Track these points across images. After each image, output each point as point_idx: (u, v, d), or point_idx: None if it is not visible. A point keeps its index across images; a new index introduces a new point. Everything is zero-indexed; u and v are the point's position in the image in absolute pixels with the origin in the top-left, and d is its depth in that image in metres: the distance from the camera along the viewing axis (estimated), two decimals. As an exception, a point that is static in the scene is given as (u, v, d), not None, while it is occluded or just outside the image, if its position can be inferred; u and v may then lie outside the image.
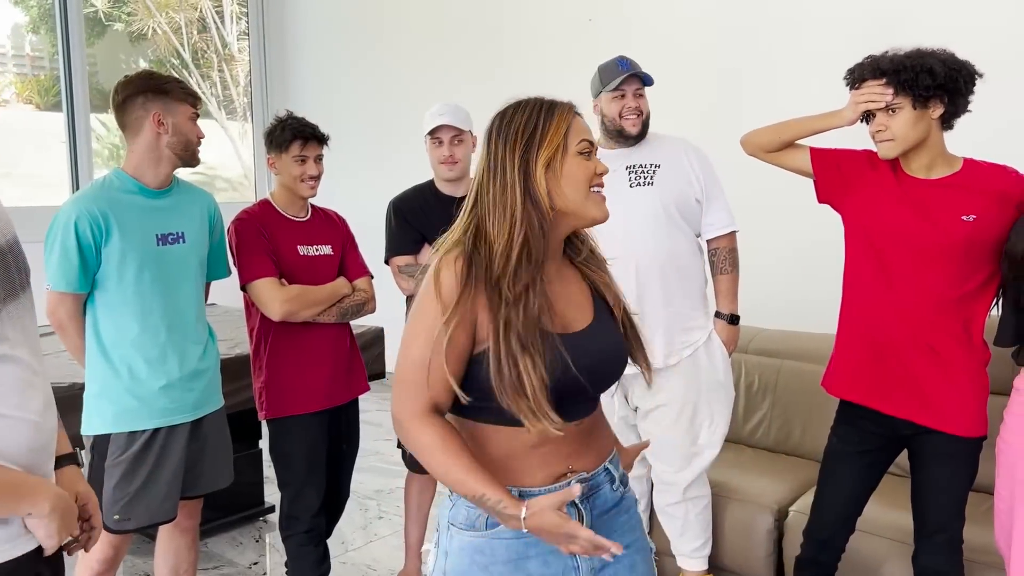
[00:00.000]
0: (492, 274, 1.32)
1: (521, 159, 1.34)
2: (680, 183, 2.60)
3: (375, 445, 4.40)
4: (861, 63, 2.09)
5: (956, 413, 2.03)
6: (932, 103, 2.00)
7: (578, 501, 1.36)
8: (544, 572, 1.37)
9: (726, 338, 2.69)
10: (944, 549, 2.11)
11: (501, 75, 4.98)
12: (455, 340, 1.30)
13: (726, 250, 2.68)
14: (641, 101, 2.59)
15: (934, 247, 2.01)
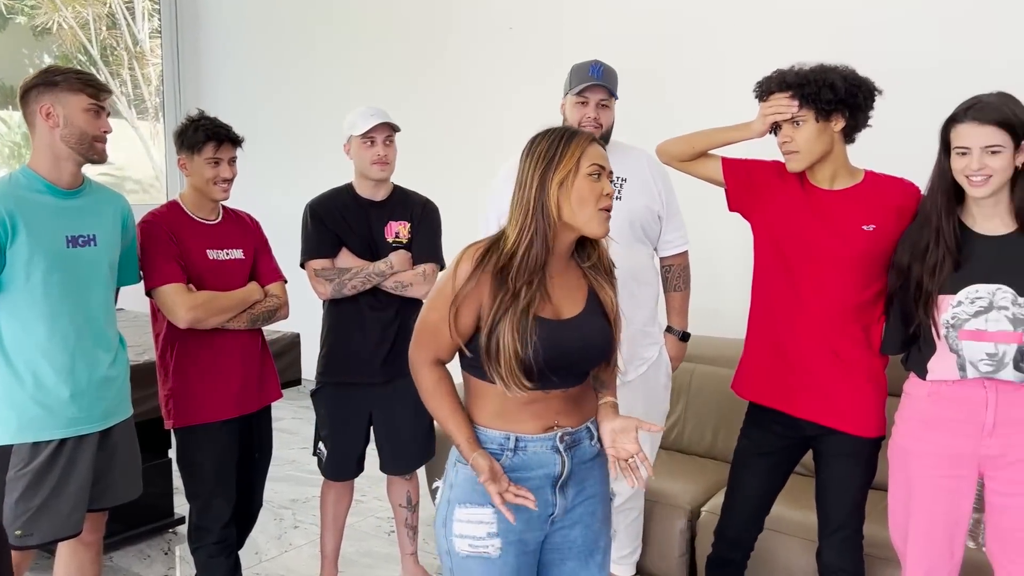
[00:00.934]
0: (500, 265, 1.64)
1: (540, 177, 1.64)
2: (645, 198, 2.59)
3: (291, 454, 4.32)
4: (769, 77, 2.16)
5: (857, 414, 2.12)
6: (834, 117, 2.08)
7: (562, 449, 1.70)
8: (529, 508, 1.65)
9: (675, 354, 2.73)
10: (846, 546, 2.19)
11: (421, 81, 4.97)
12: (461, 314, 1.65)
13: (680, 267, 2.71)
14: (603, 112, 2.55)
15: (836, 255, 2.09)
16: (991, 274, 1.90)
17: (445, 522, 1.71)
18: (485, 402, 1.71)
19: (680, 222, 2.68)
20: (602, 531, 1.79)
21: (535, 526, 1.71)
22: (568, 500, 1.73)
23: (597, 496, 1.78)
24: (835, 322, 2.11)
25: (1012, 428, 1.91)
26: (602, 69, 2.54)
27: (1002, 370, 1.89)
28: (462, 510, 1.69)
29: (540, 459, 1.70)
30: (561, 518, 1.74)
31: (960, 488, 1.97)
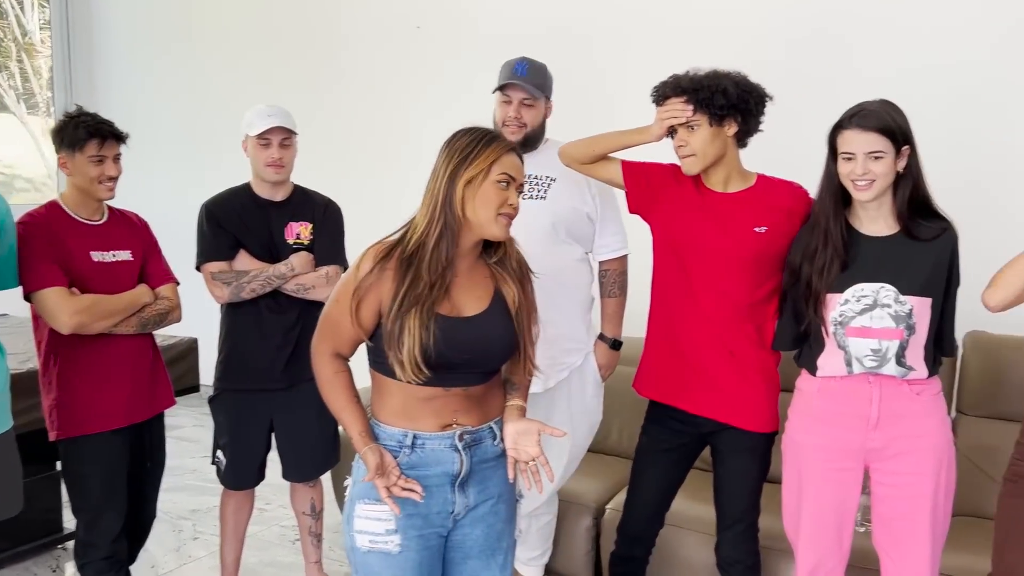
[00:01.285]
0: (407, 253, 1.67)
1: (451, 173, 1.68)
2: (574, 200, 2.53)
3: (192, 462, 4.17)
4: (665, 82, 2.19)
5: (751, 410, 2.18)
6: (727, 121, 2.13)
7: (461, 448, 1.72)
8: (430, 500, 1.71)
9: (604, 362, 2.65)
10: (742, 538, 2.25)
11: (327, 79, 4.88)
12: (362, 306, 1.69)
13: (616, 273, 2.63)
14: (526, 111, 2.50)
15: (729, 256, 2.14)
16: (875, 273, 1.98)
17: (348, 518, 1.74)
18: (388, 399, 1.74)
19: (617, 227, 2.60)
20: (505, 531, 1.82)
21: (436, 523, 1.73)
22: (469, 499, 1.75)
23: (500, 496, 1.80)
24: (729, 321, 2.16)
25: (894, 422, 1.99)
26: (527, 67, 2.50)
27: (885, 365, 1.97)
28: (362, 506, 1.72)
29: (438, 457, 1.72)
30: (463, 517, 1.76)
31: (847, 480, 2.04)
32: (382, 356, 1.69)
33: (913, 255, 1.98)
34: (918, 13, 3.29)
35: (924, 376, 1.98)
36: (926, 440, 1.99)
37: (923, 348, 1.98)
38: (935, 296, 1.98)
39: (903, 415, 1.99)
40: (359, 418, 1.73)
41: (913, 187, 1.98)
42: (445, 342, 1.65)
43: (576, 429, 2.60)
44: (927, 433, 1.99)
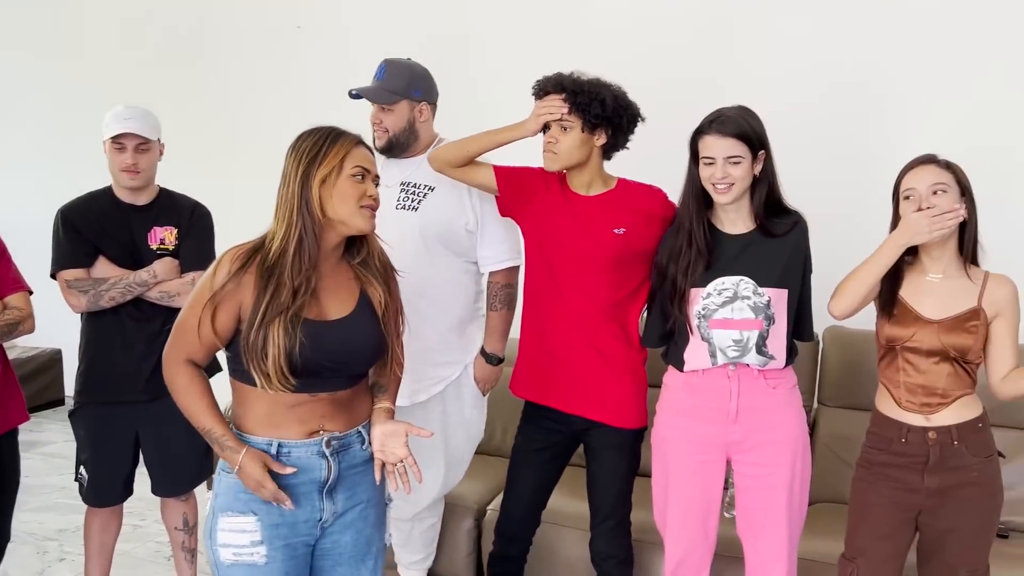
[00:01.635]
0: (267, 263, 1.64)
1: (303, 174, 1.66)
2: (450, 211, 2.45)
3: (60, 480, 3.95)
4: (548, 77, 2.21)
5: (620, 408, 2.23)
6: (598, 131, 2.17)
7: (328, 454, 1.70)
8: (296, 511, 1.69)
9: (480, 376, 2.59)
10: (615, 533, 2.30)
11: (204, 79, 4.73)
12: (219, 314, 1.65)
13: (499, 286, 2.52)
14: (386, 116, 2.45)
15: (591, 256, 2.18)
16: (735, 268, 2.06)
17: (211, 532, 1.71)
18: (250, 408, 1.71)
19: (501, 237, 2.49)
20: (375, 536, 1.82)
21: (303, 531, 1.72)
22: (338, 505, 1.74)
23: (369, 501, 1.79)
24: (595, 320, 2.20)
25: (753, 415, 2.07)
26: (385, 69, 2.45)
27: (747, 354, 2.05)
28: (225, 519, 1.69)
29: (304, 464, 1.69)
30: (331, 523, 1.74)
31: (711, 472, 2.12)
32: (243, 364, 1.65)
33: (769, 250, 2.07)
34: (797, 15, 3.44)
35: (782, 365, 2.08)
36: (782, 432, 2.08)
37: (783, 337, 2.07)
38: (791, 287, 2.08)
39: (761, 409, 2.07)
40: (221, 423, 1.69)
41: (768, 189, 2.06)
42: (312, 348, 1.62)
43: (451, 439, 2.58)
44: (783, 425, 2.09)
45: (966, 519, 1.94)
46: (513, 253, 2.51)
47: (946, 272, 1.98)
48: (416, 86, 2.48)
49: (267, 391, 1.63)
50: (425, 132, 2.53)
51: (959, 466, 1.94)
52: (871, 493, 2.01)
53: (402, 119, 2.46)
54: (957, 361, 1.94)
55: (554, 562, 2.62)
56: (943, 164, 1.97)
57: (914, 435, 1.96)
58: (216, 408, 1.71)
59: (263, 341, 1.60)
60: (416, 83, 2.48)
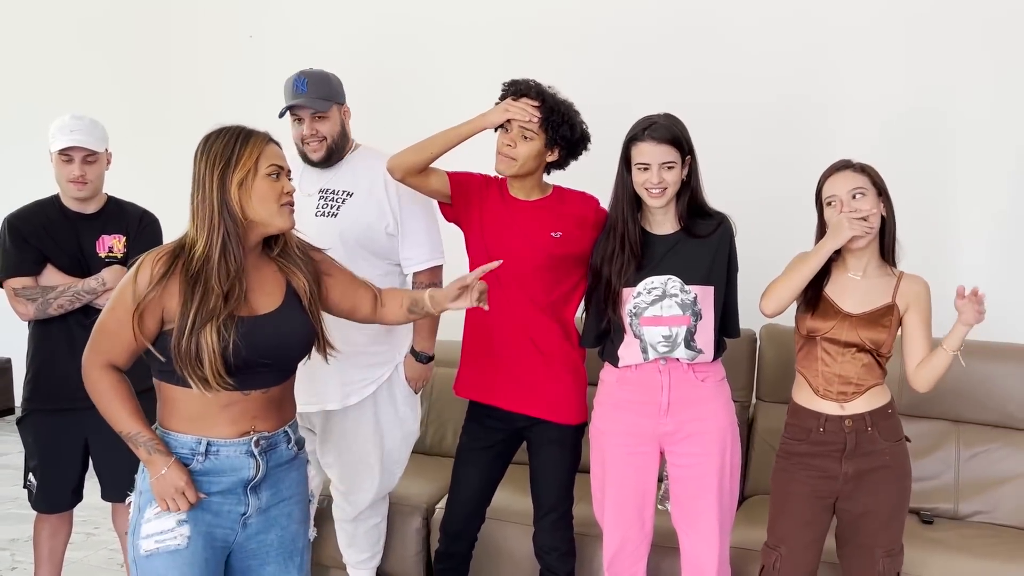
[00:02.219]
0: (192, 270, 1.65)
1: (219, 178, 1.67)
2: (369, 216, 2.50)
3: (13, 490, 3.93)
4: (527, 81, 2.27)
5: (559, 404, 2.31)
6: (554, 149, 2.26)
7: (257, 453, 1.74)
8: (222, 500, 1.73)
9: (412, 375, 2.64)
10: (557, 526, 2.38)
11: (159, 88, 4.74)
12: (144, 320, 1.66)
13: (423, 286, 2.54)
14: (321, 124, 2.48)
15: (531, 258, 2.26)
16: (663, 267, 2.16)
17: (134, 529, 1.72)
18: (178, 406, 1.72)
19: (422, 239, 2.55)
20: (300, 532, 1.86)
21: (226, 523, 1.75)
22: (262, 501, 1.78)
23: (293, 498, 1.84)
24: (534, 318, 2.29)
25: (683, 407, 2.17)
26: (307, 81, 2.47)
27: (676, 349, 2.15)
28: (152, 509, 1.70)
29: (233, 463, 1.73)
30: (255, 520, 1.78)
31: (645, 463, 2.21)
32: (170, 366, 1.67)
33: (694, 250, 2.17)
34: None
35: (710, 359, 2.17)
36: (711, 423, 2.17)
37: (710, 332, 2.17)
38: (717, 284, 2.18)
39: (691, 401, 2.17)
40: (147, 427, 1.71)
41: (692, 192, 2.16)
42: (246, 344, 1.66)
43: (386, 439, 2.64)
44: (712, 416, 2.18)
45: (879, 501, 2.04)
46: (435, 253, 2.57)
47: (866, 271, 2.09)
48: (338, 90, 2.55)
49: (205, 393, 1.66)
50: (350, 134, 2.59)
51: (872, 451, 2.05)
52: (791, 483, 2.11)
53: (336, 124, 2.51)
54: (871, 353, 2.05)
55: (499, 557, 2.69)
56: (858, 168, 2.08)
57: (831, 424, 2.06)
58: (140, 412, 1.72)
59: (196, 347, 1.62)
60: (337, 88, 2.55)
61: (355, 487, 2.66)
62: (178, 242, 1.72)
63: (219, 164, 1.68)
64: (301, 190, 2.48)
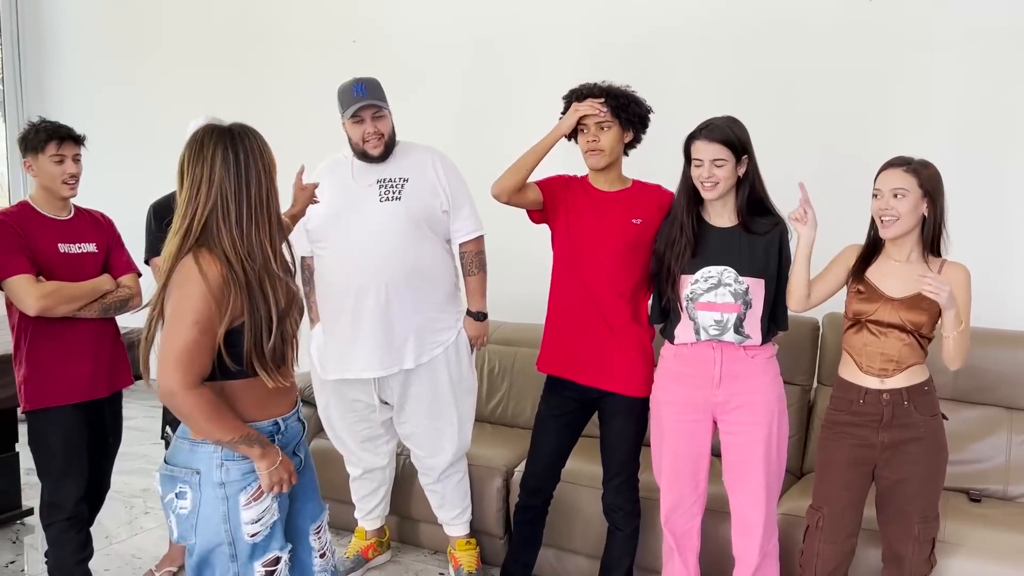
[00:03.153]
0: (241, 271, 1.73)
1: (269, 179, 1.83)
2: (426, 196, 2.82)
3: (143, 449, 4.45)
4: (585, 84, 2.55)
5: (628, 378, 2.56)
6: (630, 130, 2.52)
7: (301, 417, 2.00)
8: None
9: (472, 333, 2.99)
10: (622, 488, 2.64)
11: (267, 89, 5.15)
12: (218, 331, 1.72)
13: (473, 253, 2.95)
14: (380, 123, 2.77)
15: (611, 243, 2.51)
16: (720, 258, 2.38)
17: (227, 517, 1.80)
18: (243, 398, 1.81)
19: (470, 212, 2.90)
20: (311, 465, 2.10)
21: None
22: (301, 455, 2.03)
23: (303, 441, 2.05)
24: (610, 302, 2.54)
25: (733, 381, 2.39)
26: (365, 86, 2.77)
27: (726, 333, 2.37)
28: (247, 495, 1.80)
29: (295, 432, 1.97)
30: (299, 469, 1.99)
31: (698, 430, 2.44)
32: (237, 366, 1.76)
33: (749, 244, 2.38)
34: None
35: (758, 343, 2.38)
36: (759, 395, 2.39)
37: (758, 320, 2.38)
38: (768, 278, 2.38)
39: (741, 375, 2.39)
40: (249, 428, 1.80)
41: (751, 189, 2.37)
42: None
43: (458, 396, 2.98)
44: (760, 389, 2.39)
45: (914, 470, 2.23)
46: (479, 225, 2.94)
47: (909, 258, 2.27)
48: (384, 93, 2.84)
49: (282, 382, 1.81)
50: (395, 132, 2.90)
51: (908, 423, 2.23)
52: (833, 450, 2.31)
53: (390, 122, 2.83)
54: (912, 334, 2.23)
55: (573, 516, 2.97)
56: (911, 168, 2.21)
57: (871, 396, 2.26)
58: (236, 415, 1.79)
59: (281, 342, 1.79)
60: (383, 91, 2.83)
61: (437, 448, 2.99)
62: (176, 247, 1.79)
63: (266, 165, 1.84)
64: (357, 184, 2.85)
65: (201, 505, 1.81)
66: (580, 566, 3.03)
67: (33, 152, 2.65)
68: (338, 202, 2.83)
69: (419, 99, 4.38)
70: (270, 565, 1.85)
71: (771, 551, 2.46)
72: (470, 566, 3.10)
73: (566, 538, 3.02)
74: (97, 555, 3.17)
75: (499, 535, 3.18)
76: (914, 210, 2.20)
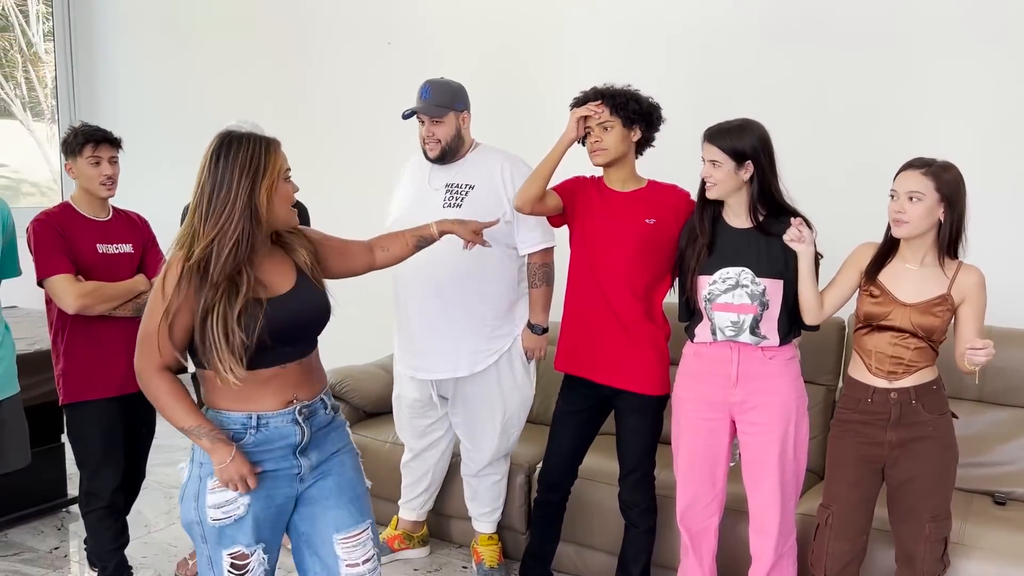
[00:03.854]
0: (199, 265, 1.76)
1: (250, 183, 1.78)
2: (490, 204, 2.80)
3: (180, 441, 4.55)
4: (584, 90, 2.59)
5: (642, 377, 2.59)
6: (634, 128, 2.54)
7: (301, 420, 1.90)
8: (275, 466, 1.89)
9: (528, 345, 2.97)
10: (639, 485, 2.67)
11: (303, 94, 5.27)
12: (177, 321, 1.78)
13: (537, 265, 2.90)
14: (437, 128, 2.83)
15: (625, 243, 2.54)
16: (737, 259, 2.38)
17: (196, 495, 1.86)
18: (224, 388, 1.82)
19: (536, 223, 2.83)
20: (357, 480, 2.02)
21: (283, 485, 1.90)
22: (312, 460, 1.94)
23: (341, 451, 2.01)
24: (623, 301, 2.56)
25: (751, 381, 2.40)
26: (430, 89, 2.84)
27: (742, 334, 2.38)
28: (213, 482, 1.83)
29: (281, 432, 1.88)
30: (309, 475, 1.93)
31: (716, 428, 2.46)
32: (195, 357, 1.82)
33: (767, 245, 2.38)
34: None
35: (776, 344, 2.38)
36: (776, 396, 2.39)
37: (776, 321, 2.38)
38: (787, 279, 2.37)
39: (758, 375, 2.39)
40: (205, 421, 1.81)
41: (758, 191, 2.36)
42: (276, 323, 1.80)
43: (507, 402, 3.01)
44: (777, 390, 2.40)
45: (923, 469, 2.22)
46: (547, 236, 2.88)
47: (923, 262, 2.24)
48: (458, 99, 2.88)
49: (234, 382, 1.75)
50: (467, 137, 2.94)
51: (915, 422, 2.22)
52: (842, 448, 2.31)
53: (451, 128, 2.86)
54: (924, 339, 2.21)
55: (590, 512, 3.00)
56: (930, 171, 2.17)
57: (879, 395, 2.25)
58: (196, 407, 1.82)
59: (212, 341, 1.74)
60: (457, 96, 2.88)
61: (477, 445, 3.06)
62: (180, 241, 1.82)
63: (249, 170, 1.78)
64: (429, 185, 2.92)
65: (188, 479, 1.90)
66: (599, 562, 3.06)
67: (72, 155, 2.76)
68: (410, 202, 2.92)
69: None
70: (239, 559, 1.86)
71: (787, 551, 2.47)
72: (491, 561, 3.16)
73: (585, 534, 3.05)
74: (135, 543, 3.32)
75: (521, 530, 3.22)
76: (928, 214, 2.17)
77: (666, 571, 2.86)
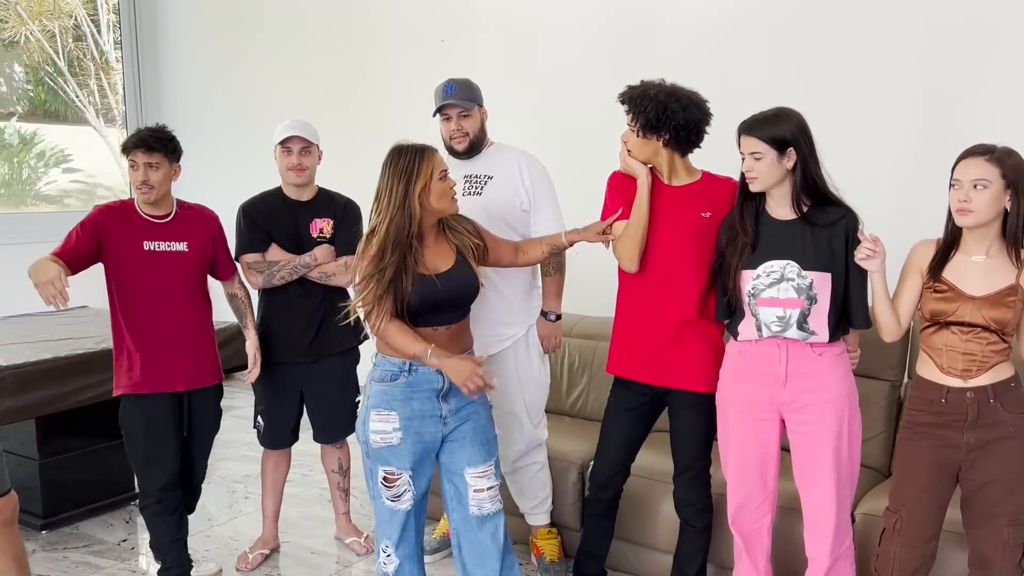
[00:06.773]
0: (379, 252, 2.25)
1: (403, 187, 2.26)
2: (507, 194, 2.92)
3: (246, 436, 4.67)
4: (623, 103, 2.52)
5: (695, 374, 2.52)
6: (654, 135, 2.45)
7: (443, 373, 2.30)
8: (423, 407, 2.33)
9: (542, 332, 3.02)
10: (693, 483, 2.61)
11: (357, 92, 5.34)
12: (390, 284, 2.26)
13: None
14: (465, 122, 2.91)
15: (679, 238, 2.47)
16: (782, 252, 2.30)
17: (364, 421, 2.36)
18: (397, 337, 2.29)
19: (551, 213, 2.93)
20: (488, 427, 2.46)
21: (429, 425, 2.34)
22: (451, 404, 2.36)
23: (476, 402, 2.41)
24: (677, 297, 2.50)
25: (800, 379, 2.32)
26: (455, 86, 2.91)
27: (788, 330, 2.30)
28: (375, 413, 2.33)
29: (428, 378, 2.32)
30: (451, 418, 2.36)
31: (765, 429, 2.38)
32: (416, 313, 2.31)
33: (813, 237, 2.29)
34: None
35: (825, 340, 2.30)
36: (828, 394, 2.31)
37: (825, 316, 2.29)
38: (835, 272, 2.28)
39: (807, 373, 2.31)
40: (432, 346, 2.27)
41: (802, 181, 2.28)
42: (437, 292, 2.28)
43: (525, 390, 3.02)
44: (828, 388, 2.31)
45: (1003, 471, 2.10)
46: (560, 225, 2.89)
47: (988, 253, 2.14)
48: (479, 95, 2.96)
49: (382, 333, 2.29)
50: (487, 132, 3.00)
51: (995, 422, 2.11)
52: (914, 451, 2.20)
53: (477, 122, 2.95)
54: (996, 332, 2.10)
55: (645, 511, 2.95)
56: (994, 157, 2.07)
57: (953, 395, 2.14)
58: (419, 338, 2.28)
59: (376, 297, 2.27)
60: (478, 92, 2.97)
61: (508, 439, 3.03)
62: (367, 235, 2.33)
63: (403, 176, 2.26)
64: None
65: (363, 408, 2.38)
66: (656, 561, 3.01)
67: (126, 158, 2.82)
68: None
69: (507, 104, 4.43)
70: (390, 475, 2.34)
71: (844, 553, 2.38)
72: (552, 555, 3.14)
73: (641, 533, 3.01)
74: (198, 536, 3.40)
75: (575, 527, 3.19)
76: (995, 202, 2.07)
77: (722, 571, 2.81)
